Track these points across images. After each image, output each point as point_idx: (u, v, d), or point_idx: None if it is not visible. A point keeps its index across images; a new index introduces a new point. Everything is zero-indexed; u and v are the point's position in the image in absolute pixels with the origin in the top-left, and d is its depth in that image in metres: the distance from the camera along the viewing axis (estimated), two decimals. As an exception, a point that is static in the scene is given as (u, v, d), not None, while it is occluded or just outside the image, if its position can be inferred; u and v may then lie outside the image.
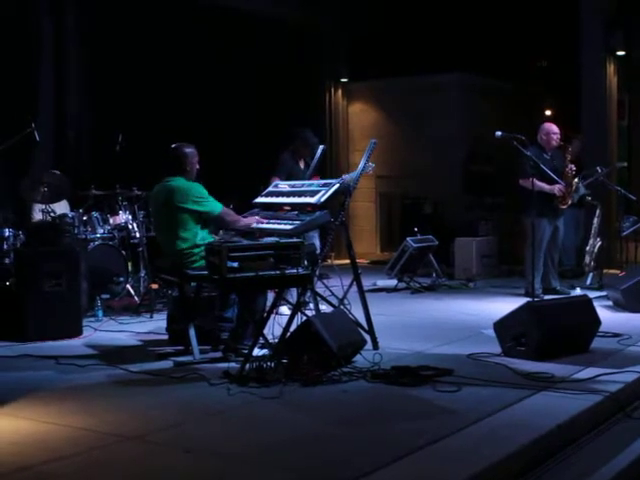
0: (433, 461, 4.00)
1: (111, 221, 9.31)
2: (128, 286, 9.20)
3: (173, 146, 6.73)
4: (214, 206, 6.55)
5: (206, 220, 6.61)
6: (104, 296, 8.76)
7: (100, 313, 8.30)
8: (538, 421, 4.59)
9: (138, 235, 9.31)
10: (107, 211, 9.40)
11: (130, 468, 3.97)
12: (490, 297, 9.77)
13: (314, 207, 6.62)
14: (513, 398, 5.07)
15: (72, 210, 9.13)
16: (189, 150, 6.70)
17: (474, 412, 4.76)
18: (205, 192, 6.55)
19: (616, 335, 7.00)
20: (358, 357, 6.10)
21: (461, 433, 4.40)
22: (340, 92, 15.55)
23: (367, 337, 6.49)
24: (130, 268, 9.27)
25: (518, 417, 4.72)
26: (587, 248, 10.54)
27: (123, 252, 9.24)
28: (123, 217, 9.37)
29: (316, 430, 4.55)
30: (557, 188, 9.26)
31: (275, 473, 3.90)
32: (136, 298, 9.07)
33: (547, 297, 8.82)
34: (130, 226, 9.38)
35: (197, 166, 6.74)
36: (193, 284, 6.76)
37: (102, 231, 9.18)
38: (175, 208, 6.45)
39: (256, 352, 5.89)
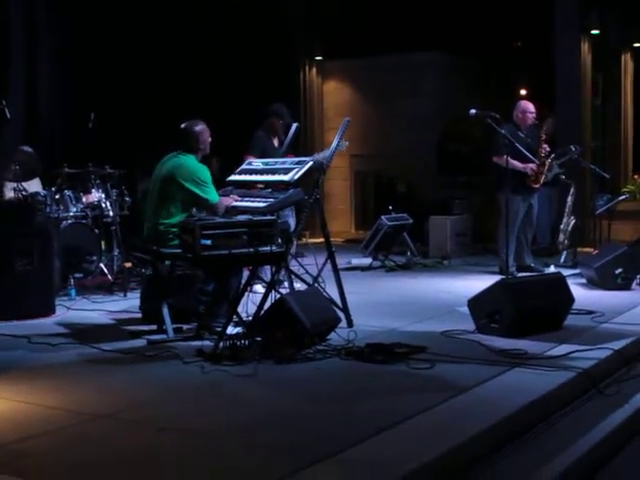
0: (409, 437, 4.01)
1: (84, 200, 9.21)
2: (101, 265, 9.13)
3: (183, 126, 6.69)
4: (213, 196, 6.50)
5: (197, 207, 6.56)
6: (77, 275, 8.68)
7: (73, 292, 8.24)
8: (512, 397, 4.61)
9: (111, 214, 9.23)
10: (80, 189, 9.29)
11: (103, 446, 3.95)
12: (464, 275, 9.78)
13: (288, 185, 6.59)
14: (487, 375, 5.09)
15: (44, 188, 9.04)
16: (199, 127, 6.67)
17: (448, 389, 4.78)
18: (210, 178, 6.50)
19: (589, 312, 7.03)
20: (332, 335, 6.09)
21: (436, 409, 4.42)
22: (315, 70, 15.45)
23: (341, 315, 6.48)
24: (103, 247, 9.19)
25: (492, 393, 4.74)
26: (561, 226, 10.57)
27: (96, 231, 9.16)
28: (96, 195, 9.27)
29: (292, 407, 4.55)
30: (529, 167, 9.28)
31: (255, 451, 3.88)
32: (109, 277, 9.01)
33: (521, 274, 8.86)
34: (103, 205, 9.27)
35: (209, 139, 6.72)
36: (167, 262, 6.72)
37: (75, 210, 9.07)
38: (175, 182, 6.42)
39: (230, 330, 5.89)
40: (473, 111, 8.16)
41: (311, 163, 6.63)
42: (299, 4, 14.78)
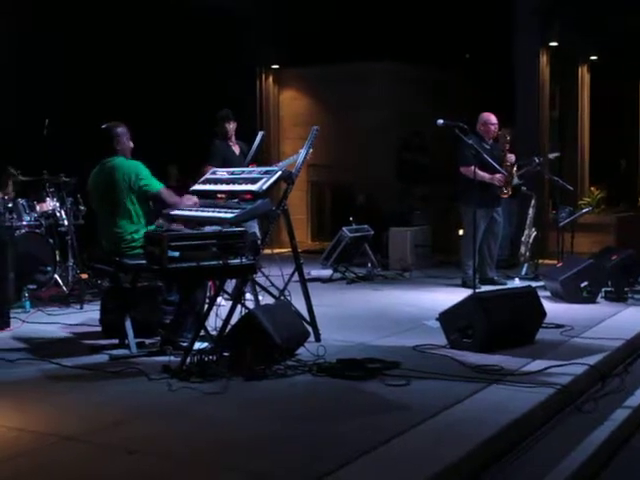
0: (394, 459, 3.85)
1: (38, 208, 8.95)
2: (56, 276, 8.85)
3: (103, 127, 6.51)
4: (154, 184, 6.32)
5: (151, 201, 6.39)
6: (31, 286, 8.39)
7: (28, 304, 7.96)
8: (494, 416, 4.48)
9: (66, 223, 8.98)
10: (34, 198, 9.02)
11: (71, 471, 3.73)
12: (427, 287, 9.66)
13: (255, 195, 6.39)
14: (464, 392, 4.96)
15: (17, 197, 8.75)
16: (120, 129, 6.49)
17: (427, 407, 4.63)
18: (147, 170, 6.33)
19: (559, 326, 6.96)
20: (301, 350, 5.93)
21: (418, 429, 4.27)
22: (271, 79, 15.28)
23: (309, 329, 6.31)
24: (58, 257, 8.91)
25: (472, 412, 4.60)
26: (522, 238, 10.52)
27: (50, 240, 8.88)
28: (50, 204, 9.01)
29: (267, 428, 4.35)
30: (497, 178, 9.19)
31: (228, 476, 3.69)
32: (64, 288, 8.73)
33: (484, 287, 8.74)
34: (58, 213, 9.03)
35: (131, 144, 6.52)
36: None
37: (28, 219, 8.81)
38: (121, 188, 6.21)
39: (196, 345, 5.67)
40: (441, 121, 8.02)
41: (280, 173, 6.44)
42: (256, 12, 14.59)
